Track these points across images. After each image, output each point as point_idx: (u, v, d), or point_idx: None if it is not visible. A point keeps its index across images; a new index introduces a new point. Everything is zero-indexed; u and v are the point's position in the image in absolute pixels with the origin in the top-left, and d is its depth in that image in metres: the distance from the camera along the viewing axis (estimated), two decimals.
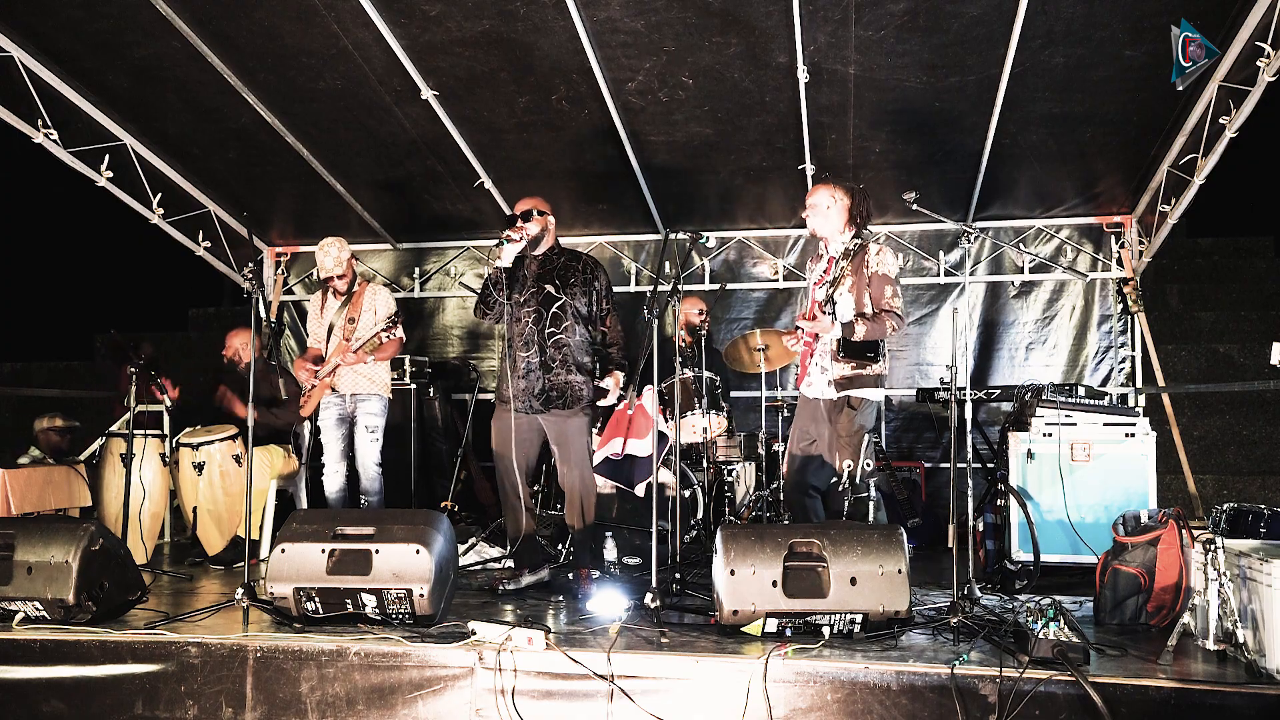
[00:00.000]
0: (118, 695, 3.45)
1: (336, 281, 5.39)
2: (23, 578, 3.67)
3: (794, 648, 3.30)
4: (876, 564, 3.42)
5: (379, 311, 5.38)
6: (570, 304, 4.58)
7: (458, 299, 7.79)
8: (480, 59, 5.45)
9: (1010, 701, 2.99)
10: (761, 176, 6.55)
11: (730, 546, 3.49)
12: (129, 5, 5.08)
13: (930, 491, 6.70)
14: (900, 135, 5.94)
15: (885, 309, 4.23)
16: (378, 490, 5.35)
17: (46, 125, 5.81)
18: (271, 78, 5.71)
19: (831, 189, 4.39)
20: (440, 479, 6.93)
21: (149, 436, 5.53)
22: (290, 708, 3.36)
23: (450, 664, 3.32)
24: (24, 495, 5.28)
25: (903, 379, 7.02)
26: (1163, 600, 3.78)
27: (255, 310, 4.20)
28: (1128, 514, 4.09)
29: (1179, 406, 6.75)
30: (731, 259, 7.43)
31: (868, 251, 4.30)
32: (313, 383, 5.34)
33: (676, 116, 5.87)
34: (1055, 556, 4.71)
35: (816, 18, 4.94)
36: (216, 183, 7.02)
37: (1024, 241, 6.97)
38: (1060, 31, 4.94)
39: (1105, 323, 6.92)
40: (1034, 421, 4.85)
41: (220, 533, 5.43)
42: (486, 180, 6.65)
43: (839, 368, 4.28)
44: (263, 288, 7.76)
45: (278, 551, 3.65)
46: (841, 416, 4.27)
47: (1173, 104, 5.43)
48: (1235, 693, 2.96)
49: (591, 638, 3.52)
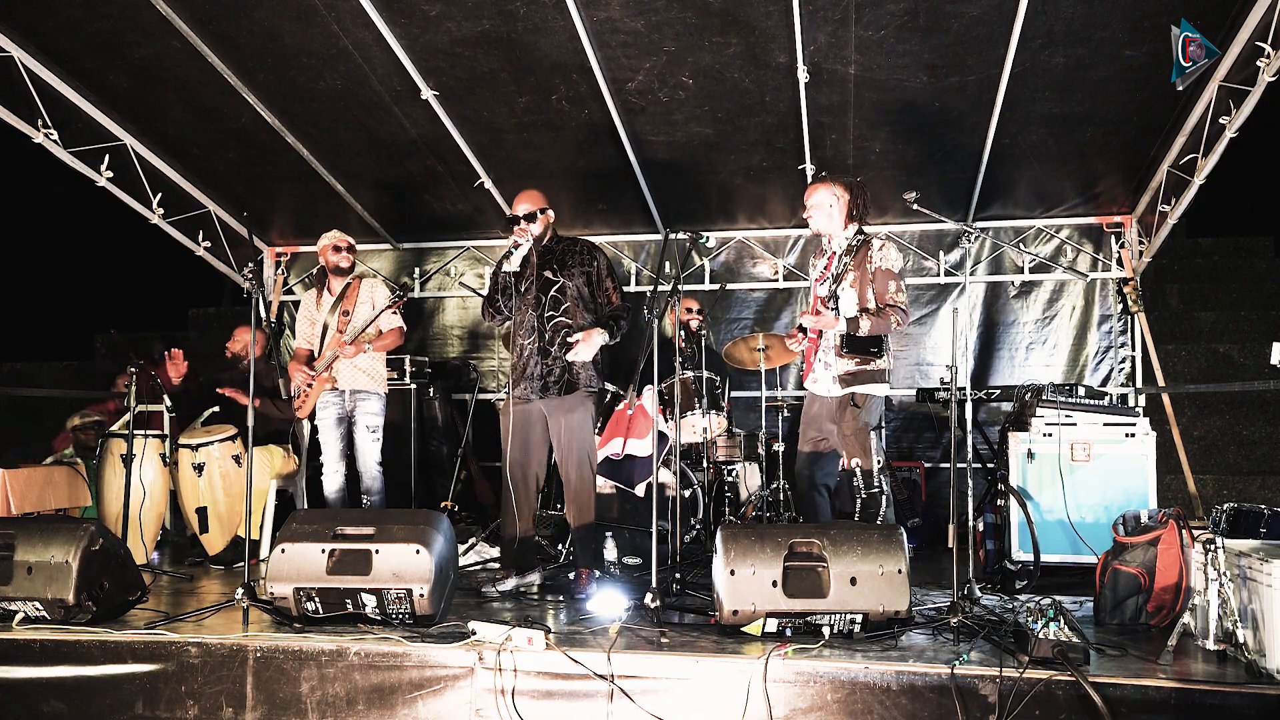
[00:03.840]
0: (118, 695, 3.45)
1: (339, 258, 5.37)
2: (23, 578, 3.67)
3: (794, 648, 3.30)
4: (876, 564, 3.42)
5: (377, 305, 5.37)
6: (569, 285, 4.52)
7: (458, 299, 7.79)
8: (480, 59, 5.45)
9: (1010, 701, 2.99)
10: (761, 176, 6.55)
11: (730, 546, 3.49)
12: (129, 5, 5.08)
13: (930, 491, 6.70)
14: (900, 135, 5.94)
15: (889, 303, 4.23)
16: (379, 490, 5.33)
17: (46, 125, 5.81)
18: (271, 78, 5.71)
19: (830, 187, 4.40)
20: (440, 479, 6.93)
21: (149, 436, 5.53)
22: (290, 708, 3.36)
23: (450, 664, 3.32)
24: (24, 495, 5.28)
25: (903, 379, 7.02)
26: (1163, 600, 3.78)
27: (255, 310, 4.20)
28: (1128, 514, 4.09)
29: (1179, 406, 6.75)
30: (731, 259, 7.43)
31: (871, 247, 4.31)
32: (309, 383, 5.31)
33: (676, 116, 5.87)
34: (1055, 556, 4.71)
35: (816, 18, 4.94)
36: (216, 183, 7.03)
37: (1024, 241, 6.97)
38: (1060, 31, 4.94)
39: (1105, 323, 6.92)
40: (1034, 421, 4.85)
41: (220, 533, 5.43)
42: (486, 180, 6.65)
43: (843, 363, 4.29)
44: (263, 288, 7.75)
45: (278, 551, 3.65)
46: (846, 415, 4.29)
47: (1173, 104, 5.43)
48: (1235, 693, 2.96)
49: (591, 638, 3.51)
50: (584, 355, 4.46)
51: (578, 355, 4.46)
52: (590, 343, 4.45)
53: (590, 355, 4.48)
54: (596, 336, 4.46)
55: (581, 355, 4.46)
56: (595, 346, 4.47)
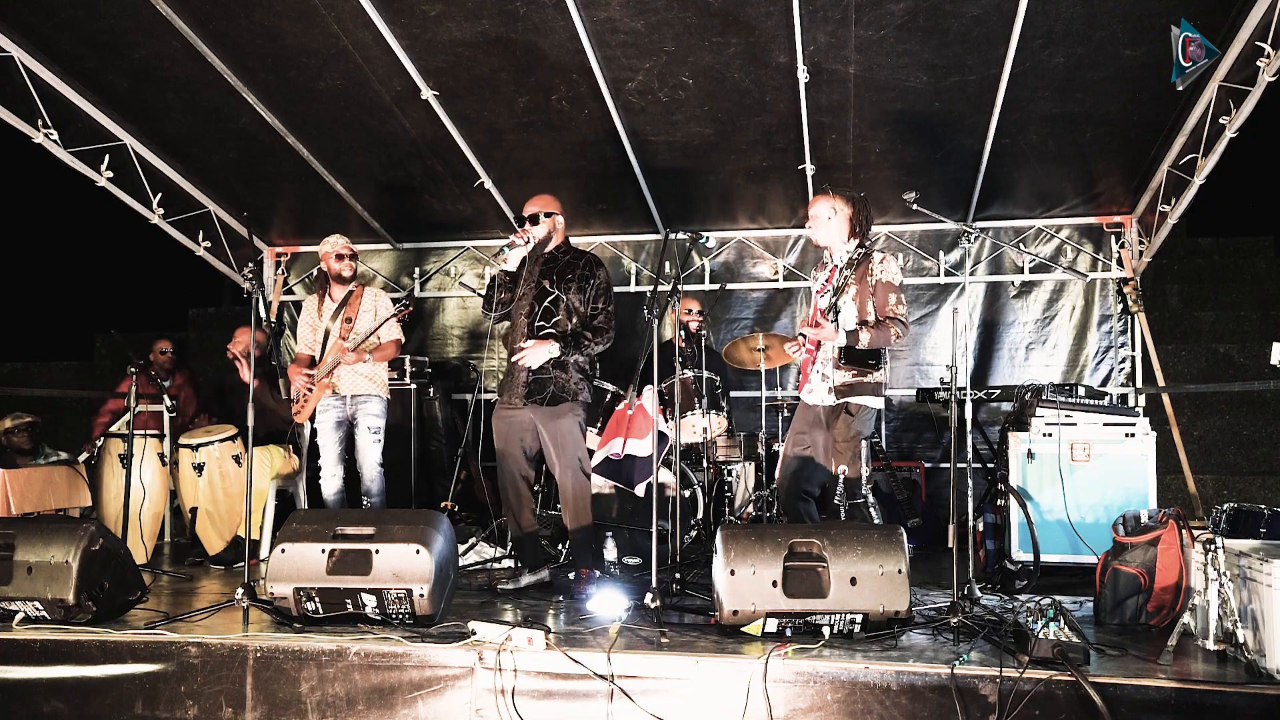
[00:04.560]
0: (118, 695, 3.45)
1: (342, 267, 5.37)
2: (23, 578, 3.67)
3: (794, 648, 3.30)
4: (877, 564, 3.42)
5: (379, 314, 5.37)
6: (564, 298, 4.52)
7: (458, 299, 7.79)
8: (480, 59, 5.45)
9: (1010, 701, 2.99)
10: (761, 176, 6.55)
11: (730, 546, 3.49)
12: (129, 5, 5.08)
13: (930, 491, 6.71)
14: (900, 135, 5.93)
15: (890, 316, 4.22)
16: (380, 490, 5.33)
17: (46, 125, 5.81)
18: (271, 78, 5.71)
19: (831, 199, 4.38)
20: (440, 479, 6.93)
21: (149, 436, 5.53)
22: (290, 708, 3.36)
23: (450, 664, 3.32)
24: (24, 495, 5.28)
25: (903, 379, 7.02)
26: (1163, 600, 3.78)
27: (255, 310, 4.20)
28: (1128, 514, 4.09)
29: (1179, 406, 6.75)
30: (731, 259, 7.43)
31: (872, 260, 4.30)
32: (309, 388, 5.31)
33: (676, 116, 5.87)
34: (1055, 556, 4.71)
35: (816, 18, 4.94)
36: (216, 183, 7.03)
37: (1024, 241, 6.97)
38: (1060, 31, 4.94)
39: (1105, 323, 6.92)
40: (1034, 421, 4.85)
41: (220, 533, 5.43)
42: (486, 180, 6.65)
43: (840, 375, 4.27)
44: (263, 288, 7.76)
45: (278, 551, 3.64)
46: (839, 422, 4.27)
47: (1173, 104, 5.43)
48: (1235, 693, 2.96)
49: (591, 638, 3.51)
50: (529, 361, 4.44)
51: (524, 360, 4.44)
52: (537, 352, 4.42)
53: (535, 363, 4.44)
54: (545, 348, 4.43)
55: (527, 361, 4.44)
56: (542, 357, 4.43)
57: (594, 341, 4.52)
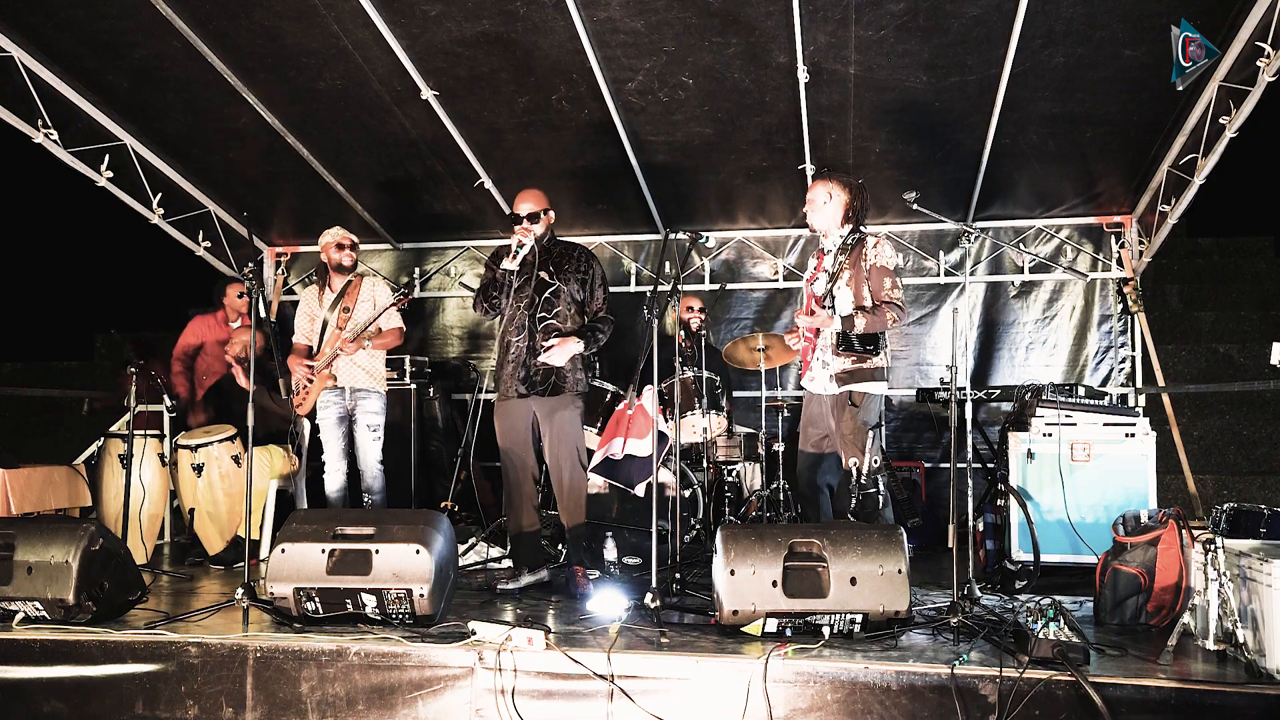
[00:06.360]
0: (118, 695, 3.45)
1: (342, 256, 5.37)
2: (23, 578, 3.67)
3: (794, 648, 3.30)
4: (876, 564, 3.42)
5: (378, 303, 5.37)
6: (564, 289, 4.57)
7: (458, 299, 7.79)
8: (480, 59, 5.45)
9: (1010, 701, 2.99)
10: (761, 176, 6.55)
11: (730, 546, 3.49)
12: (129, 5, 5.08)
13: (930, 491, 6.70)
14: (900, 135, 5.93)
15: (885, 300, 4.23)
16: (381, 489, 5.34)
17: (46, 125, 5.81)
18: (271, 78, 5.71)
19: (828, 184, 4.41)
20: (440, 479, 6.93)
21: (148, 437, 5.53)
22: (290, 708, 3.36)
23: (450, 664, 3.32)
24: (24, 495, 5.28)
25: (903, 379, 7.02)
26: (1163, 600, 3.78)
27: (255, 310, 4.20)
28: (1128, 514, 4.09)
29: (1179, 406, 6.75)
30: (731, 259, 7.43)
31: (865, 245, 4.31)
32: (309, 378, 5.31)
33: (676, 116, 5.87)
34: (1055, 556, 4.71)
35: (816, 18, 4.94)
36: (216, 183, 7.02)
37: (1024, 241, 6.97)
38: (1060, 31, 4.94)
39: (1105, 323, 6.92)
40: (1034, 421, 4.85)
41: (220, 533, 5.43)
42: (486, 180, 6.65)
43: (840, 362, 4.28)
44: (263, 288, 7.75)
45: (278, 551, 3.65)
46: (845, 415, 4.28)
47: (1173, 104, 5.42)
48: (1235, 693, 2.96)
49: (591, 638, 3.51)
50: (555, 360, 4.50)
51: (550, 359, 4.49)
52: (564, 349, 4.49)
53: (561, 361, 4.51)
54: (571, 345, 4.51)
55: (553, 360, 4.49)
56: (568, 354, 4.52)
57: (600, 330, 4.64)
